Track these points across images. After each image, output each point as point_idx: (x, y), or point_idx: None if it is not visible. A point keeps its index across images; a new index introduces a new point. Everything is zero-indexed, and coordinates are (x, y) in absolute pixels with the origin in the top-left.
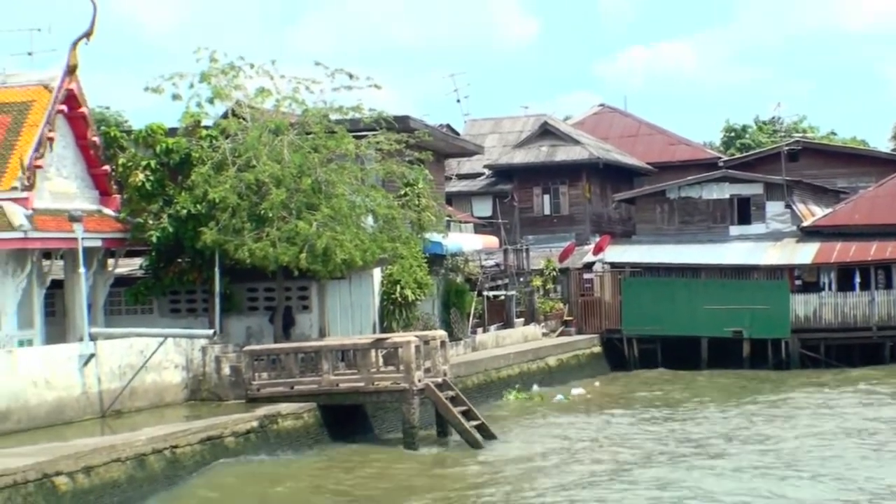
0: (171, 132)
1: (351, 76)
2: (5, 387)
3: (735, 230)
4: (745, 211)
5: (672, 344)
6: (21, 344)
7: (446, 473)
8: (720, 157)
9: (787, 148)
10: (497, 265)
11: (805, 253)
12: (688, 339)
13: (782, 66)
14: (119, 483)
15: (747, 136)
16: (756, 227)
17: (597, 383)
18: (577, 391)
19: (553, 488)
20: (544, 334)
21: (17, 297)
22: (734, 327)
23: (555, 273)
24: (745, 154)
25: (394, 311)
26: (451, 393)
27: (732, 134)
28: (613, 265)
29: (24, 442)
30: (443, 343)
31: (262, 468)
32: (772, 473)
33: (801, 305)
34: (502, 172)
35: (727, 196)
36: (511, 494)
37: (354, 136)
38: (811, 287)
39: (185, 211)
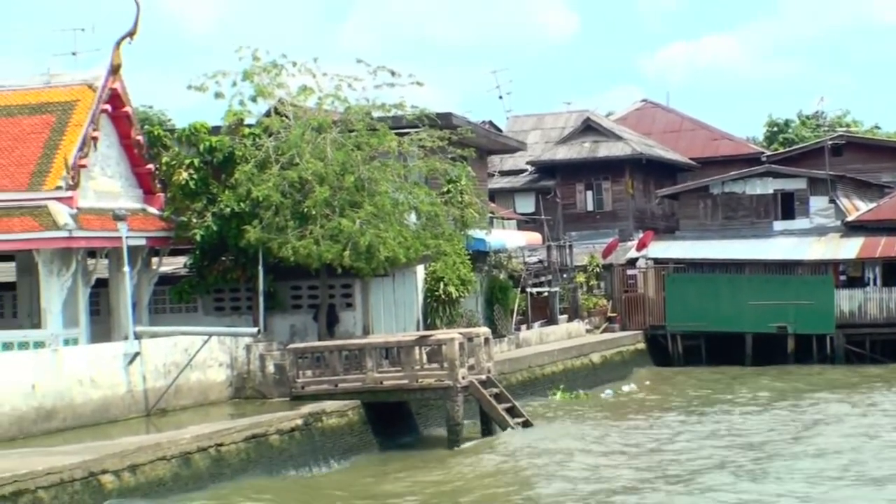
0: (215, 130)
1: (393, 73)
2: (51, 386)
3: (779, 225)
4: (788, 206)
5: (716, 340)
6: (66, 343)
7: (489, 470)
8: (763, 152)
9: (830, 142)
10: (540, 262)
11: (849, 248)
12: (732, 335)
13: (825, 59)
14: (164, 481)
15: (790, 130)
16: (800, 222)
17: (647, 382)
18: (626, 387)
19: (600, 490)
20: (588, 331)
21: (62, 296)
22: (779, 323)
23: (598, 269)
24: (788, 149)
25: (437, 308)
26: (495, 390)
27: (775, 129)
28: (657, 261)
29: (70, 440)
30: (486, 340)
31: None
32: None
33: (846, 301)
34: (545, 169)
35: (771, 191)
36: (556, 490)
37: (397, 134)
38: (856, 282)
39: (228, 209)
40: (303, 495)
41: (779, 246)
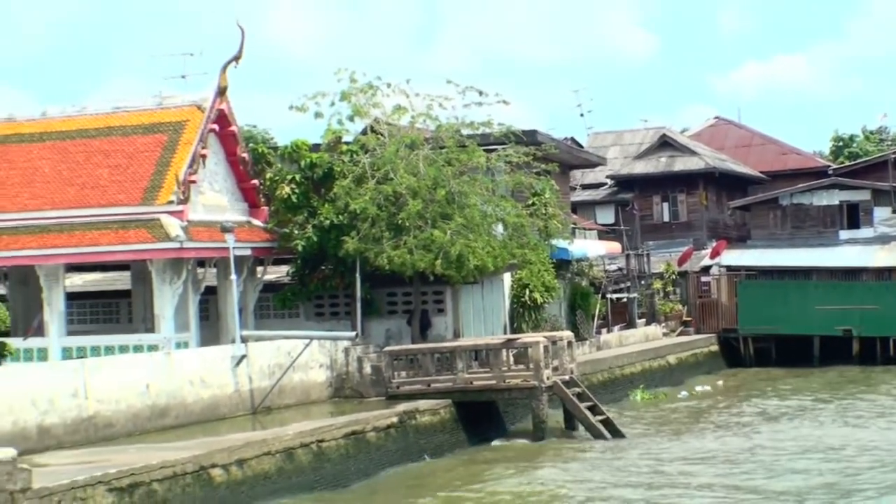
0: (315, 148)
1: (481, 93)
2: (164, 386)
3: (844, 234)
4: (853, 216)
5: (785, 342)
6: (178, 346)
7: (572, 466)
8: (829, 166)
9: (893, 156)
10: (619, 269)
11: None
12: (800, 338)
13: (888, 77)
14: (269, 475)
15: (855, 145)
16: (864, 232)
17: (720, 382)
18: (700, 388)
19: (682, 484)
20: (664, 334)
21: (174, 303)
22: (844, 326)
23: (674, 276)
24: (853, 162)
25: (523, 313)
26: (577, 390)
27: (840, 143)
28: (729, 268)
29: (182, 437)
30: (569, 343)
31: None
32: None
33: None
34: (624, 182)
35: (836, 202)
36: (640, 484)
37: (485, 150)
38: None
39: (328, 221)
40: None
41: (844, 254)
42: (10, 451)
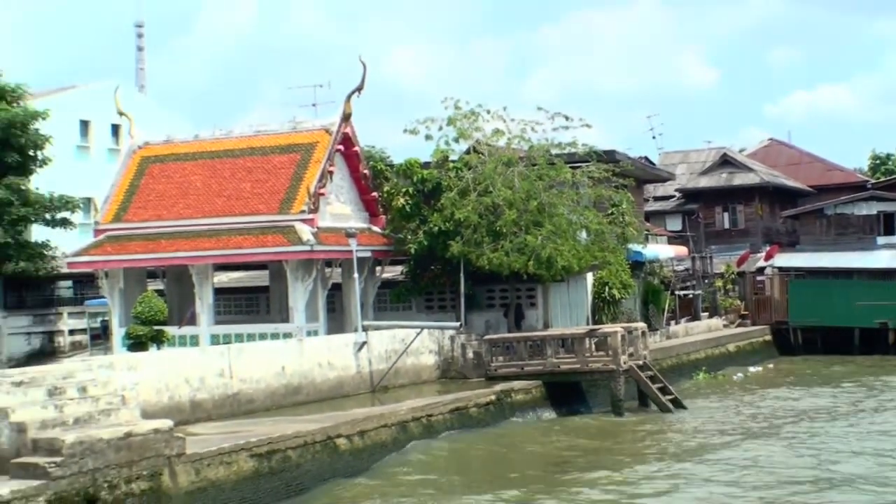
0: (425, 165)
1: (567, 118)
2: (297, 368)
3: (881, 240)
4: (889, 224)
5: (830, 333)
6: (309, 334)
7: (645, 433)
8: (868, 181)
9: None
10: (686, 269)
11: None
12: (843, 330)
13: None
14: (386, 444)
15: (890, 162)
16: None
17: (770, 365)
18: (753, 369)
19: (731, 442)
20: (724, 326)
21: (305, 297)
22: (881, 319)
23: (733, 276)
24: (889, 178)
25: (603, 307)
26: (649, 373)
27: (878, 161)
28: (781, 269)
29: (312, 411)
30: (643, 333)
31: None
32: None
33: None
34: (690, 195)
35: (875, 212)
36: (698, 446)
37: (571, 167)
38: None
39: (436, 228)
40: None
41: (881, 257)
42: (167, 422)
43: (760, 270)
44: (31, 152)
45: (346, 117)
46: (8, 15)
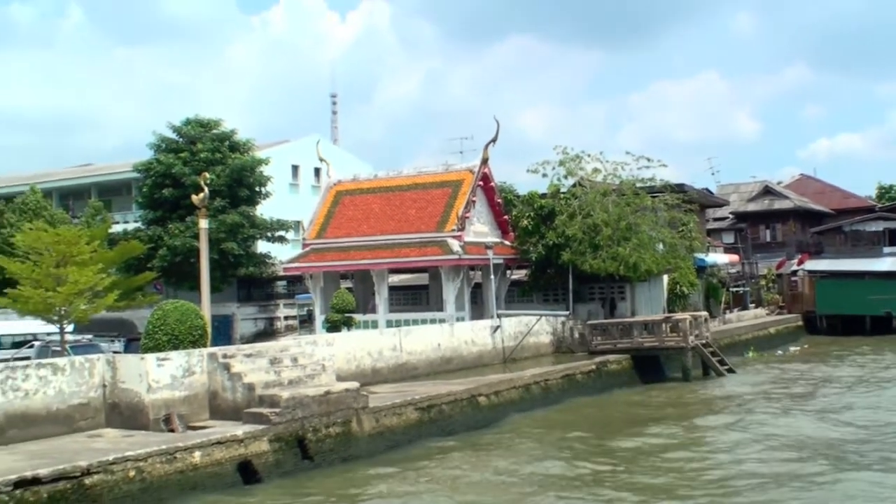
0: (543, 196)
1: (648, 160)
2: (449, 344)
3: (886, 250)
4: (893, 237)
5: (847, 319)
6: (457, 320)
7: (708, 393)
8: (875, 205)
9: None
10: (737, 272)
11: None
12: (857, 317)
13: None
14: (514, 401)
15: (893, 191)
16: None
17: (805, 345)
18: (791, 348)
19: (774, 397)
20: (767, 314)
21: (455, 293)
22: (886, 309)
23: (773, 277)
24: (892, 202)
25: (675, 300)
26: (710, 349)
27: (883, 190)
28: (810, 272)
29: (460, 376)
30: (705, 319)
31: (598, 393)
32: None
33: None
34: (740, 216)
35: (881, 229)
36: (746, 400)
37: (651, 196)
38: None
39: (551, 242)
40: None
41: (886, 262)
42: (355, 384)
43: (794, 273)
44: (257, 189)
45: (485, 161)
46: (241, 90)
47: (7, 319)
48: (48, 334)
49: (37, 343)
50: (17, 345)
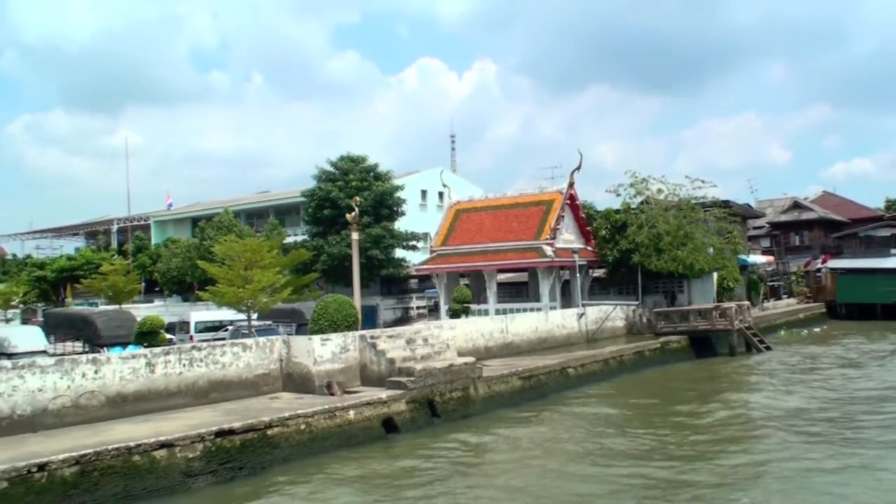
0: (617, 211)
1: (703, 181)
2: (544, 328)
3: (893, 251)
4: None
5: (861, 307)
6: (551, 308)
7: (750, 365)
8: (884, 215)
9: None
10: (773, 270)
11: None
12: (870, 305)
13: None
14: (596, 372)
15: None
16: None
17: (825, 326)
18: (816, 329)
19: (802, 368)
20: (797, 303)
21: (548, 287)
22: (894, 298)
23: (802, 273)
24: None
25: (723, 292)
26: (752, 331)
27: (891, 203)
28: (832, 269)
29: (553, 353)
30: (747, 307)
31: (658, 371)
32: None
33: None
34: (775, 225)
35: (889, 234)
36: (781, 368)
37: (704, 209)
38: None
39: (624, 247)
40: (664, 374)
41: (893, 261)
42: (472, 359)
43: (818, 270)
44: (395, 208)
45: (571, 184)
46: (382, 133)
47: (209, 309)
48: (239, 321)
49: (230, 327)
50: (216, 328)
